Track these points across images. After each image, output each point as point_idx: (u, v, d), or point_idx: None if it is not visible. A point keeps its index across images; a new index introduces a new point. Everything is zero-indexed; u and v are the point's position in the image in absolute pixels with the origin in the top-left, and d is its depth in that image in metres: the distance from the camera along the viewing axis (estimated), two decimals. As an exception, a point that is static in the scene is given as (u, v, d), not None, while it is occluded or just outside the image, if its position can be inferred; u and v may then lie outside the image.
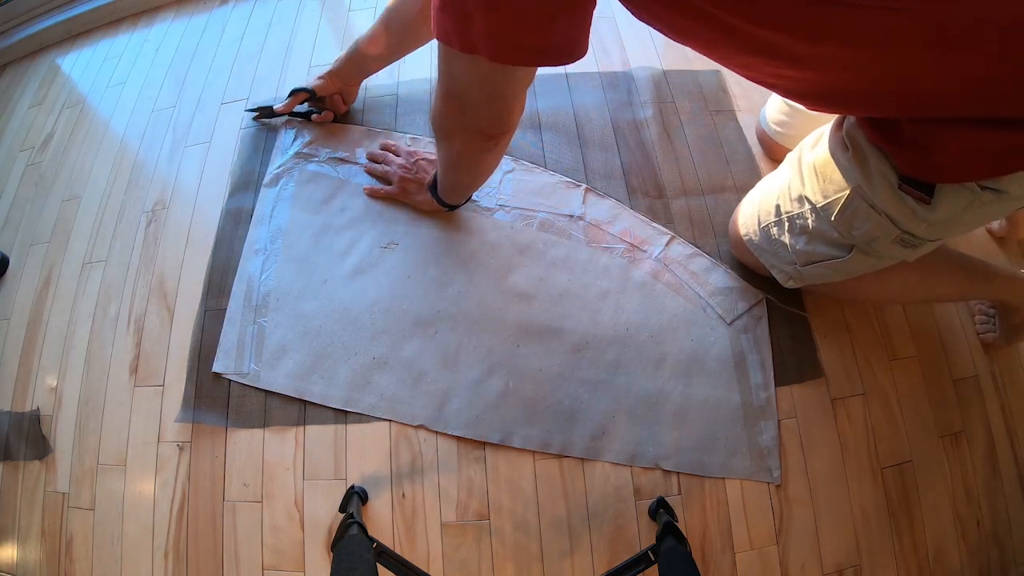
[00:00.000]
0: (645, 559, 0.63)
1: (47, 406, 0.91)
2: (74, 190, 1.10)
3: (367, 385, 0.85)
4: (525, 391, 0.84)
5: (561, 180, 0.99)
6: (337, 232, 0.96)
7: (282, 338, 0.88)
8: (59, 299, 0.99)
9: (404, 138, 1.05)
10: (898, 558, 0.79)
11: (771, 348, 0.86)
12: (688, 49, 0.59)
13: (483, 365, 0.85)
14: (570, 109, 1.08)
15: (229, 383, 0.87)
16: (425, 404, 0.84)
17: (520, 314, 0.89)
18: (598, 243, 0.94)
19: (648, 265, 0.92)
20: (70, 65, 1.32)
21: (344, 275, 0.92)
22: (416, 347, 0.87)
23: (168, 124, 1.14)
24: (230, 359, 0.88)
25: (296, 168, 1.02)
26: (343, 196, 0.99)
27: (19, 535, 0.85)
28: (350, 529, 0.62)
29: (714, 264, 0.92)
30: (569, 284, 0.91)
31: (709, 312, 0.89)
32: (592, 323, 0.88)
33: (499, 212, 0.97)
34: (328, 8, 1.27)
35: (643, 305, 0.89)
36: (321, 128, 1.06)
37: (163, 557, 0.80)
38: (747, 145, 1.05)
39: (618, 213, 0.97)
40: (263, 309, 0.90)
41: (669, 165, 1.02)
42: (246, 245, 0.96)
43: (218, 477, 0.83)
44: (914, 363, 0.88)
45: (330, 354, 0.87)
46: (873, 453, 0.83)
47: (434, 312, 0.89)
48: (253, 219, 0.98)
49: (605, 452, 0.81)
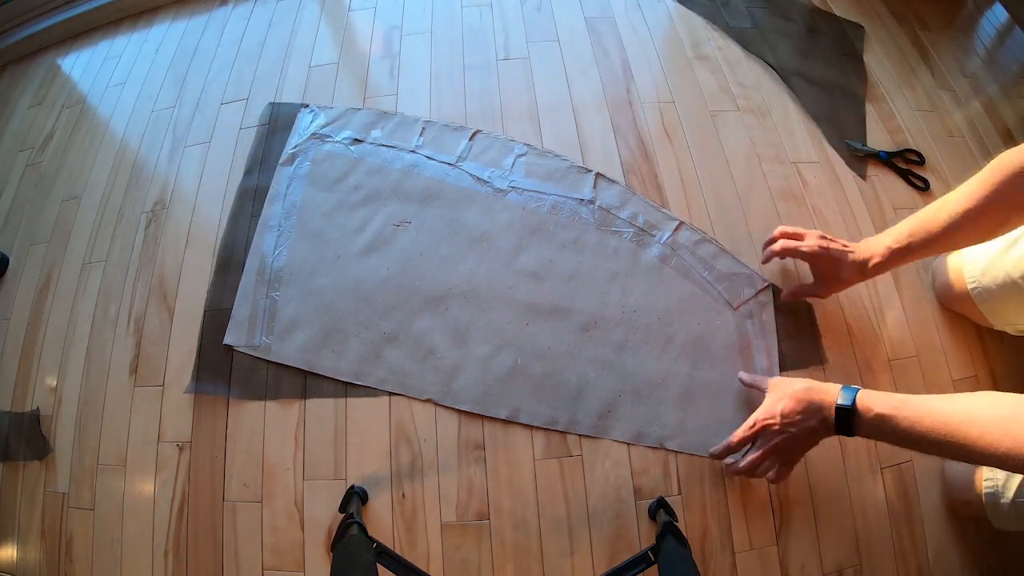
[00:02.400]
0: (645, 559, 0.63)
1: (47, 406, 0.91)
2: (74, 190, 1.10)
3: (377, 359, 0.86)
4: (533, 369, 0.85)
5: (572, 165, 1.01)
6: (351, 209, 0.97)
7: (294, 312, 0.89)
8: (59, 299, 0.99)
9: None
10: (898, 558, 0.79)
11: (776, 335, 0.87)
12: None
13: (492, 342, 0.86)
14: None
15: (232, 355, 0.88)
16: (434, 379, 0.85)
17: (530, 294, 0.90)
18: (607, 227, 0.95)
19: (656, 249, 0.93)
20: (70, 65, 1.32)
21: (357, 252, 0.93)
22: (426, 323, 0.88)
23: (168, 124, 1.14)
24: (242, 332, 0.89)
25: (312, 148, 1.04)
26: (357, 174, 1.00)
27: (19, 535, 0.85)
28: (350, 529, 0.62)
29: (721, 250, 0.93)
30: (578, 266, 0.92)
31: (716, 297, 0.90)
32: (600, 304, 0.89)
33: (511, 194, 0.98)
34: (328, 8, 1.28)
35: (651, 288, 0.90)
36: (336, 111, 1.07)
37: (163, 557, 0.80)
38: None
39: (628, 198, 0.98)
40: (276, 283, 0.92)
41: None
42: (260, 221, 0.97)
43: (218, 477, 0.83)
44: (914, 363, 0.88)
45: (341, 328, 0.88)
46: (873, 453, 0.83)
47: (445, 289, 0.90)
48: (268, 197, 0.99)
49: (611, 430, 0.82)
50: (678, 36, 1.20)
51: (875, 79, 1.15)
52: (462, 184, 0.99)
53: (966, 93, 1.15)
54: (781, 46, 1.19)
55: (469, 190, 0.98)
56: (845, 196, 1.00)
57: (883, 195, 1.01)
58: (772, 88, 1.13)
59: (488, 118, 1.07)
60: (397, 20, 1.23)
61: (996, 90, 1.16)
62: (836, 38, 1.21)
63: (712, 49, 1.18)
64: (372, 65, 1.16)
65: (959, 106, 1.13)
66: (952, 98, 1.14)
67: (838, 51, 1.18)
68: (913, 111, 1.11)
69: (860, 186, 1.01)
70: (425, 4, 1.25)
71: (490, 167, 1.01)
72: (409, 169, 1.01)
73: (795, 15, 1.25)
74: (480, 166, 1.01)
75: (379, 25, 1.23)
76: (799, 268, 0.93)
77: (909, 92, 1.14)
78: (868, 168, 1.03)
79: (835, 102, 1.11)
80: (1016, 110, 1.13)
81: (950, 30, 1.26)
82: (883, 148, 1.05)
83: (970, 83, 1.17)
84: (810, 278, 0.86)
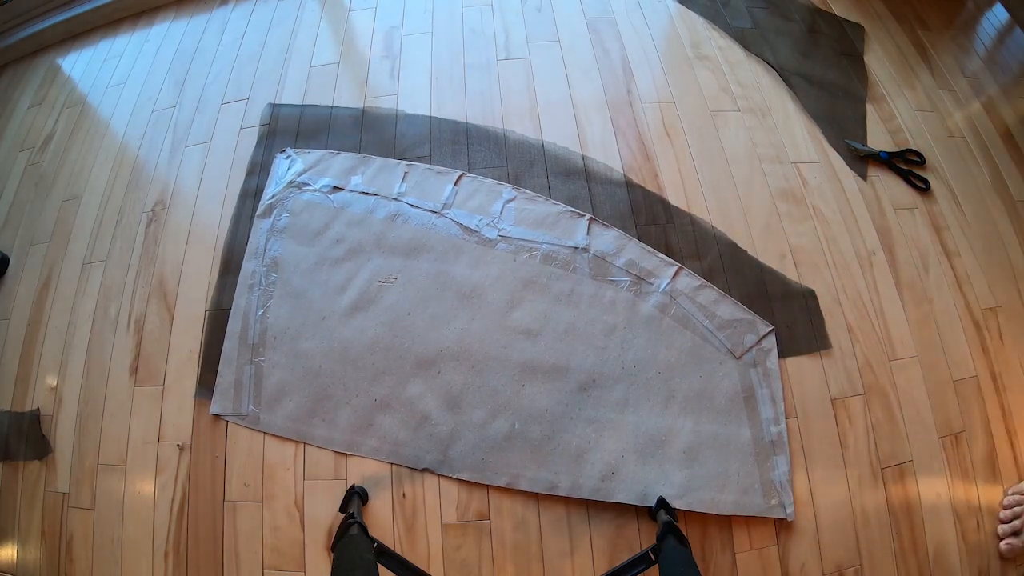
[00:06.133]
0: (646, 559, 0.63)
1: (47, 406, 0.91)
2: (74, 190, 1.10)
3: (369, 428, 0.83)
4: (531, 432, 0.82)
5: (564, 210, 0.96)
6: (333, 265, 0.93)
7: (281, 378, 0.86)
8: (59, 299, 0.99)
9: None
10: (898, 558, 0.79)
11: (781, 381, 0.85)
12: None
13: (488, 406, 0.84)
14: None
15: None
16: (429, 447, 0.82)
17: (525, 352, 0.86)
18: (603, 276, 0.91)
19: (655, 298, 0.89)
20: (70, 65, 1.32)
21: (342, 312, 0.90)
22: (419, 388, 0.85)
23: (168, 124, 1.14)
24: (227, 400, 0.86)
25: (289, 198, 1.00)
26: (338, 225, 0.96)
27: (19, 535, 0.85)
28: (350, 529, 0.62)
29: (722, 296, 0.90)
30: (574, 320, 0.88)
31: (718, 346, 0.87)
32: (599, 360, 0.86)
33: (501, 244, 0.93)
34: (328, 9, 1.28)
35: (650, 341, 0.87)
36: (314, 157, 1.03)
37: (163, 557, 0.80)
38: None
39: (623, 244, 0.94)
40: (260, 348, 0.88)
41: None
42: (240, 280, 0.93)
43: (218, 477, 0.83)
44: (914, 363, 0.88)
45: (331, 396, 0.85)
46: (873, 453, 0.83)
47: (436, 351, 0.87)
48: (247, 252, 0.95)
49: (615, 493, 0.79)
50: (678, 36, 1.20)
51: (875, 79, 1.15)
52: (449, 234, 0.94)
53: (966, 93, 1.15)
54: (781, 46, 1.19)
55: (457, 240, 0.94)
56: (845, 196, 1.00)
57: (883, 195, 1.01)
58: (772, 88, 1.13)
59: (489, 115, 1.07)
60: (397, 20, 1.23)
61: (996, 90, 1.16)
62: (836, 38, 1.21)
63: (712, 49, 1.18)
64: (372, 65, 1.16)
65: (959, 106, 1.13)
66: (952, 98, 1.14)
67: (838, 51, 1.18)
68: (913, 111, 1.11)
69: (860, 186, 1.01)
70: (425, 4, 1.25)
71: (478, 214, 0.96)
72: (392, 218, 0.96)
73: (795, 15, 1.25)
74: (467, 213, 0.96)
75: (379, 25, 1.23)
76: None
77: (909, 92, 1.14)
78: (868, 168, 1.03)
79: (835, 102, 1.11)
80: (1016, 110, 1.13)
81: (950, 30, 1.26)
82: (883, 148, 1.05)
83: (970, 83, 1.17)
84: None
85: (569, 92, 1.11)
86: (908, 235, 0.97)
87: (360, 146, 1.05)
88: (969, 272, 0.95)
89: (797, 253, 0.95)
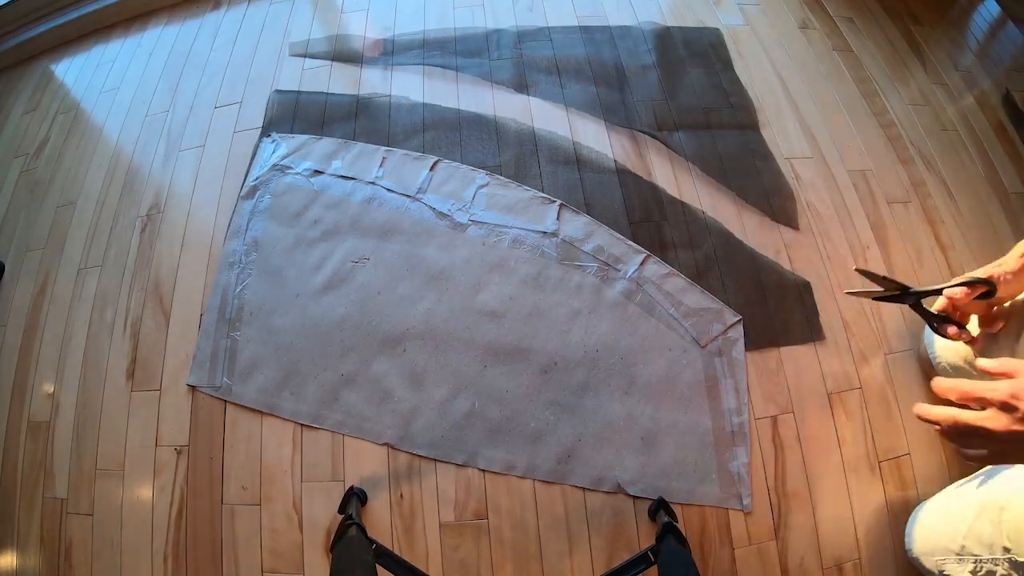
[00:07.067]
0: (645, 559, 0.63)
1: (44, 412, 0.91)
2: (69, 196, 1.10)
3: (335, 402, 0.85)
4: (491, 413, 0.83)
5: (536, 196, 0.97)
6: (310, 245, 0.95)
7: (254, 353, 0.88)
8: (55, 305, 0.99)
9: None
10: (897, 552, 0.79)
11: (746, 370, 0.85)
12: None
13: (450, 385, 0.85)
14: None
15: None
16: (391, 423, 0.83)
17: (488, 334, 0.87)
18: (571, 261, 0.92)
19: (621, 285, 0.90)
20: (63, 71, 1.32)
21: (315, 290, 0.91)
22: (384, 365, 0.86)
23: (162, 129, 1.14)
24: (203, 371, 0.88)
25: (272, 180, 1.02)
26: (317, 208, 0.98)
27: (18, 541, 0.85)
28: (349, 530, 0.62)
29: (690, 284, 0.90)
30: (539, 303, 0.89)
31: (682, 334, 0.87)
32: (561, 344, 0.86)
33: (471, 228, 0.95)
34: (320, 11, 1.27)
35: (614, 327, 0.87)
36: (298, 141, 1.05)
37: (162, 561, 0.80)
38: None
39: (593, 230, 0.94)
40: (236, 323, 0.90)
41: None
42: (221, 258, 0.95)
43: (216, 480, 0.83)
44: (910, 357, 0.88)
45: (300, 370, 0.87)
46: (871, 447, 0.83)
47: (403, 330, 0.88)
48: (228, 232, 0.98)
49: (570, 476, 0.80)
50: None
51: (868, 74, 1.15)
52: (422, 218, 0.96)
53: (959, 87, 1.16)
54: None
55: (429, 224, 0.95)
56: (839, 190, 1.00)
57: (877, 189, 1.01)
58: (767, 87, 1.13)
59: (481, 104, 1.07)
60: (389, 21, 1.23)
61: (989, 84, 1.16)
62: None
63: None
64: (365, 65, 1.16)
65: (952, 100, 1.14)
66: (945, 92, 1.15)
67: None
68: (906, 105, 1.12)
69: (854, 180, 1.01)
70: (416, 5, 1.25)
71: (450, 199, 0.97)
72: (368, 202, 0.98)
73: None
74: (440, 198, 0.97)
75: (371, 27, 1.23)
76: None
77: (902, 87, 1.14)
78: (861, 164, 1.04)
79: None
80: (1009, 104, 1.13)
81: (942, 25, 1.26)
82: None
83: (963, 77, 1.17)
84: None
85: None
86: (902, 229, 0.98)
87: (354, 136, 1.06)
88: (964, 265, 0.95)
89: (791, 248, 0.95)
